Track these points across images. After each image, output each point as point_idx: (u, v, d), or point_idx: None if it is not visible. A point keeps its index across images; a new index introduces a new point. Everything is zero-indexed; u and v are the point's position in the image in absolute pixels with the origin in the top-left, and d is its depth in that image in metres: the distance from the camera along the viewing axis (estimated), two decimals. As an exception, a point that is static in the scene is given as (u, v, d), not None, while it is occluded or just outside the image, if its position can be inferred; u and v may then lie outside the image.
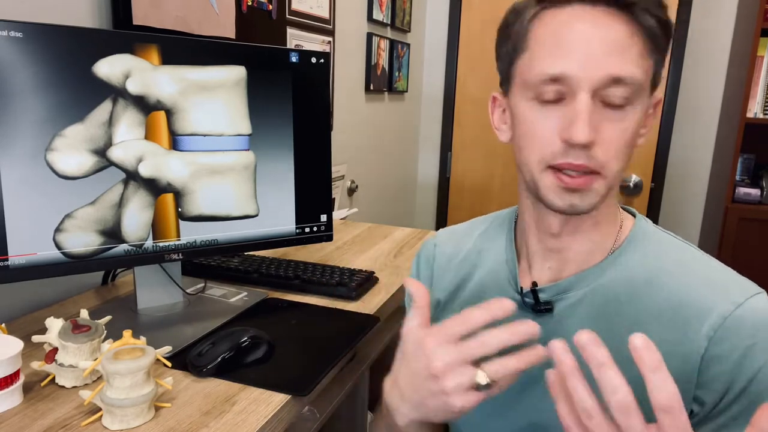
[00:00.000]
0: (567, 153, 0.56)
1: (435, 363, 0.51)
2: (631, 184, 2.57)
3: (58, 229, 0.81)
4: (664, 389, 0.40)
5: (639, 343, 0.40)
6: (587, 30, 0.55)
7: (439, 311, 0.78)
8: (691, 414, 0.57)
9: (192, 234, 0.92)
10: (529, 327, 0.49)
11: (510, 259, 0.72)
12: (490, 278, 0.73)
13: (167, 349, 0.76)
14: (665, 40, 0.58)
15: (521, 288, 0.69)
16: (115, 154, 0.84)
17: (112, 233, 0.86)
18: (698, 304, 0.57)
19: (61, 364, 0.74)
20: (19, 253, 0.78)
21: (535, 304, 0.66)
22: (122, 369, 0.65)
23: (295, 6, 1.66)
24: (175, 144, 0.89)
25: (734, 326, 0.55)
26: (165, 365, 0.77)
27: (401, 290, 1.19)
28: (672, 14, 2.41)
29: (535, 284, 0.67)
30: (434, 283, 0.80)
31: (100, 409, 0.67)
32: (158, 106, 0.87)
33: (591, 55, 0.54)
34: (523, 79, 0.60)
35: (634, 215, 0.68)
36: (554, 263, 0.67)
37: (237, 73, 0.93)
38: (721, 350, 0.55)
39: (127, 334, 0.69)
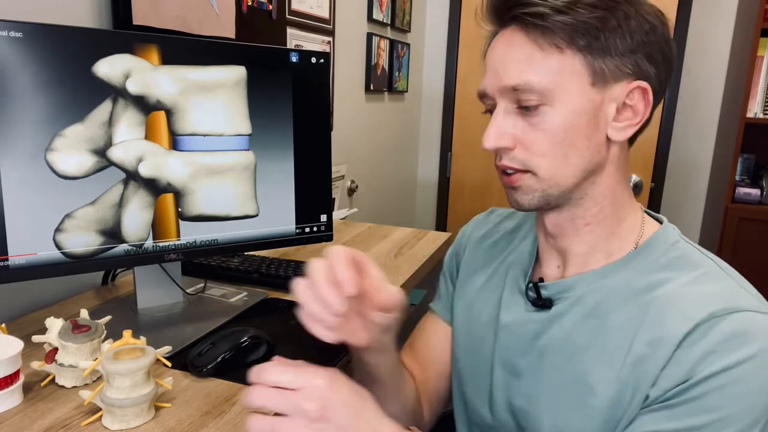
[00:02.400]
0: (497, 156, 0.65)
1: None
2: (631, 184, 2.57)
3: (58, 229, 0.81)
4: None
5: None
6: (494, 50, 0.64)
7: (461, 284, 0.81)
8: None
9: (192, 234, 0.92)
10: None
11: (531, 252, 0.74)
12: (511, 267, 0.75)
13: (167, 349, 0.76)
14: (580, 37, 0.58)
15: (529, 281, 0.71)
16: (115, 154, 0.84)
17: (112, 233, 0.86)
18: (681, 317, 0.57)
19: (61, 364, 0.74)
20: (19, 253, 0.78)
21: (537, 298, 0.68)
22: (122, 369, 0.65)
23: (295, 6, 1.66)
24: (175, 144, 0.89)
25: (702, 333, 0.55)
26: (165, 365, 0.77)
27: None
28: (672, 14, 2.41)
29: (541, 279, 0.70)
30: (463, 260, 0.84)
31: (100, 409, 0.67)
32: (158, 106, 0.87)
33: (494, 71, 0.63)
34: None
35: (661, 222, 0.68)
36: (561, 262, 0.69)
37: (237, 73, 0.93)
38: (683, 354, 0.55)
39: (127, 334, 0.69)
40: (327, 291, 0.52)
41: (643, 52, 0.60)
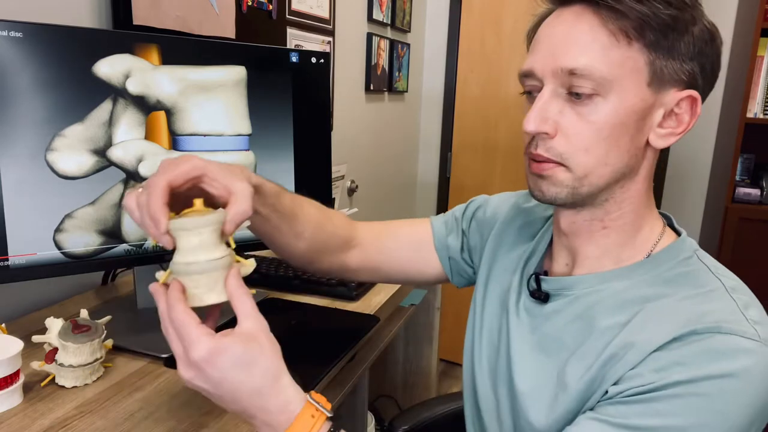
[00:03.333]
0: (531, 143, 0.60)
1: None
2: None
3: (58, 229, 0.81)
4: None
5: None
6: (553, 29, 0.59)
7: (491, 261, 0.79)
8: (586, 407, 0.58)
9: (192, 234, 0.92)
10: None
11: (545, 243, 0.73)
12: (528, 254, 0.74)
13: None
14: (651, 31, 0.55)
15: (533, 273, 0.70)
16: (115, 154, 0.84)
17: (112, 233, 0.86)
18: (662, 329, 0.55)
19: (61, 364, 0.74)
20: (19, 253, 0.78)
21: (536, 290, 0.67)
22: (187, 223, 0.52)
23: (295, 6, 1.66)
24: (175, 144, 0.89)
25: (677, 346, 0.53)
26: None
27: (401, 290, 1.19)
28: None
29: (545, 273, 0.69)
30: (492, 232, 0.80)
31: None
32: (158, 106, 0.87)
33: (549, 50, 0.58)
34: None
35: (679, 234, 0.66)
36: (570, 261, 0.68)
37: (237, 73, 0.93)
38: (652, 362, 0.54)
39: (198, 201, 0.55)
40: (147, 222, 0.53)
41: (699, 62, 0.58)
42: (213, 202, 0.56)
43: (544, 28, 0.61)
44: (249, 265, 0.57)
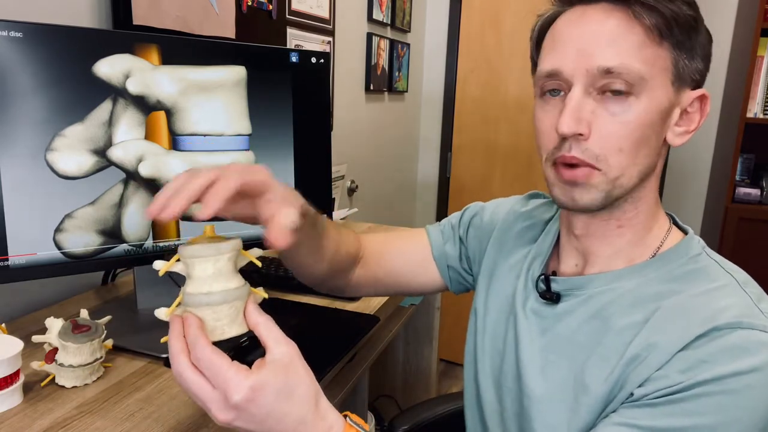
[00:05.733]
0: (562, 146, 0.58)
1: None
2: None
3: (58, 229, 0.81)
4: None
5: None
6: (581, 27, 0.58)
7: (492, 267, 0.78)
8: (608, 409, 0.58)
9: (192, 234, 0.92)
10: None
11: (550, 244, 0.72)
12: (531, 257, 0.74)
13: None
14: (678, 30, 0.56)
15: (541, 273, 0.70)
16: (115, 154, 0.84)
17: (112, 233, 0.86)
18: (683, 328, 0.55)
19: (61, 364, 0.74)
20: (19, 253, 0.78)
21: (546, 291, 0.67)
22: (200, 250, 0.49)
23: (295, 6, 1.66)
24: (175, 144, 0.89)
25: (700, 344, 0.54)
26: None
27: (401, 290, 1.19)
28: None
29: (554, 273, 0.69)
30: (491, 239, 0.80)
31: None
32: (158, 106, 0.87)
33: (581, 49, 0.56)
34: (534, 81, 0.63)
35: (686, 233, 0.66)
36: (580, 261, 0.68)
37: (237, 73, 0.93)
38: (677, 362, 0.54)
39: (209, 228, 0.54)
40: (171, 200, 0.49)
41: (705, 62, 0.60)
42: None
43: (567, 26, 0.59)
44: (261, 294, 0.55)
